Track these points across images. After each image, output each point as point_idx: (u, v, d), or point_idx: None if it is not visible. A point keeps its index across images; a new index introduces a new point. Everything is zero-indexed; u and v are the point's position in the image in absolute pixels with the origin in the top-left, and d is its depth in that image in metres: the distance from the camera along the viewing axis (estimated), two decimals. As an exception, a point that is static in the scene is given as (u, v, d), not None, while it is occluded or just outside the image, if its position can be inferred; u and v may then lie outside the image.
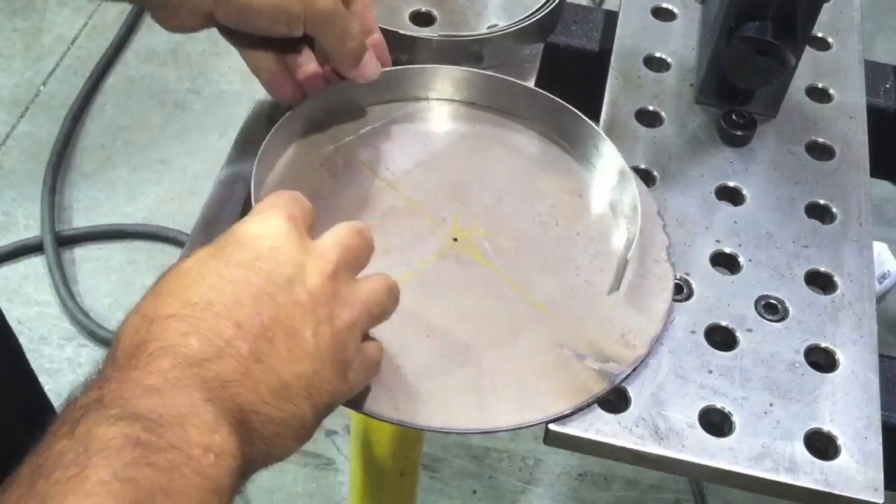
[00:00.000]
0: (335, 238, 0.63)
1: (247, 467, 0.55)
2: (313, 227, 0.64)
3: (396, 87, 0.87)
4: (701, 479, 1.49)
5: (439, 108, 0.88)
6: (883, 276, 1.58)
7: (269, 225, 0.61)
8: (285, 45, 0.79)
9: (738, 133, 0.90)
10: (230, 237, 0.60)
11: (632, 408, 0.71)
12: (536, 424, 0.69)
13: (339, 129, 0.85)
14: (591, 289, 0.77)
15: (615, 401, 0.71)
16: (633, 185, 0.80)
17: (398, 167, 0.83)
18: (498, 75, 0.88)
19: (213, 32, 0.77)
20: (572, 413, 0.69)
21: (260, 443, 0.56)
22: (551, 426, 0.69)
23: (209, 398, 0.53)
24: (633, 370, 0.72)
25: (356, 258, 0.63)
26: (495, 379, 0.71)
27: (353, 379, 0.62)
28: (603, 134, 0.83)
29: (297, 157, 0.83)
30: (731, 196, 0.87)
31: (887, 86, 1.00)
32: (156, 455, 0.49)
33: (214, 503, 0.51)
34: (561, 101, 0.85)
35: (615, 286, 0.77)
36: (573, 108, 0.85)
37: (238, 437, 0.54)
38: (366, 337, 0.64)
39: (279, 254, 0.59)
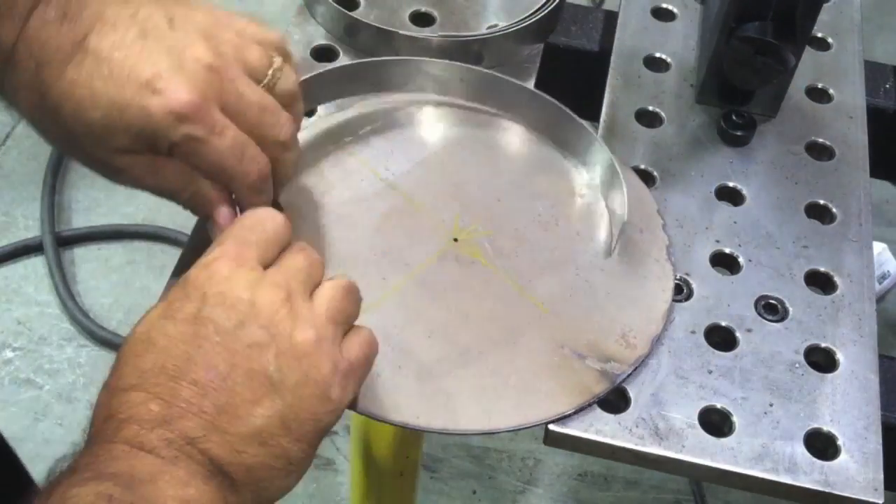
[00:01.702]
0: (284, 264, 0.61)
1: None
2: (281, 245, 0.62)
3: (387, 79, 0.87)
4: (701, 479, 1.49)
5: (439, 109, 0.88)
6: (883, 276, 1.58)
7: (212, 269, 0.59)
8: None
9: (738, 133, 0.90)
10: (178, 289, 0.59)
11: (632, 408, 0.71)
12: (538, 425, 0.69)
13: (339, 129, 0.85)
14: (591, 288, 0.77)
15: (615, 401, 0.71)
16: (621, 177, 0.80)
17: (398, 168, 0.83)
18: (492, 73, 0.87)
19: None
20: (573, 413, 0.70)
21: (245, 489, 0.56)
22: (551, 426, 0.69)
23: (178, 456, 0.53)
24: (634, 370, 0.72)
25: (307, 276, 0.61)
26: (496, 380, 0.71)
27: (338, 394, 0.59)
28: (593, 133, 0.83)
29: None
30: (731, 196, 0.87)
31: (887, 86, 1.00)
32: None
33: None
34: (554, 101, 0.85)
35: (609, 251, 0.78)
36: (564, 108, 0.84)
37: (217, 486, 0.54)
38: (349, 336, 0.62)
39: (225, 297, 0.57)
